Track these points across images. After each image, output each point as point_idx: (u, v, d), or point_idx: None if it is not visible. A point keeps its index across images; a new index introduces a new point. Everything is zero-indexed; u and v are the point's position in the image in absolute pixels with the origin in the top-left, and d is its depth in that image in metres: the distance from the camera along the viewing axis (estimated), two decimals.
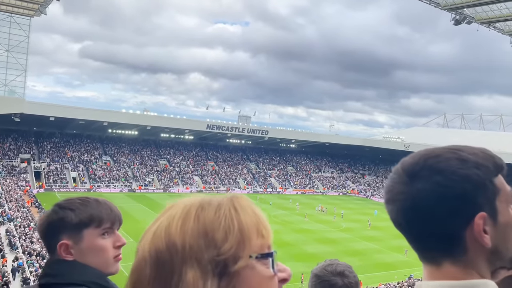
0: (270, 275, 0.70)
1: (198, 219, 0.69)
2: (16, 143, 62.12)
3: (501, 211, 0.80)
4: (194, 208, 0.71)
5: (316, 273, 1.82)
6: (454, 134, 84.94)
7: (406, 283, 29.31)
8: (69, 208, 1.45)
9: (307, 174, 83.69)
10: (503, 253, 0.81)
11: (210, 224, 0.68)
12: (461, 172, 0.80)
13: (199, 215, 0.69)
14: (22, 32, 59.65)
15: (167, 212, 0.72)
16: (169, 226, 0.69)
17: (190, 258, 0.66)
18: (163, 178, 67.77)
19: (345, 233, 46.57)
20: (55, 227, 1.42)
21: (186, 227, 0.68)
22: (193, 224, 0.68)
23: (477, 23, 53.04)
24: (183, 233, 0.67)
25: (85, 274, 1.38)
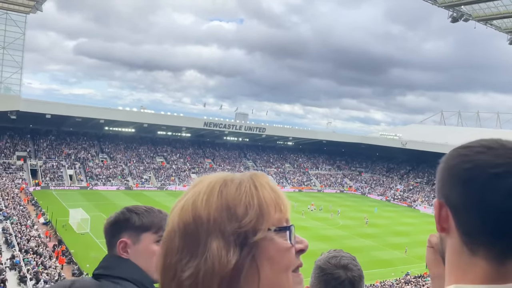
0: (288, 246, 0.75)
1: (221, 194, 0.75)
2: (12, 140, 61.86)
3: None
4: (218, 185, 0.77)
5: (320, 265, 1.80)
6: (451, 131, 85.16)
7: (403, 280, 29.44)
8: (135, 212, 1.63)
9: (305, 172, 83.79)
10: None
11: (232, 200, 0.75)
12: None
13: (222, 191, 0.76)
14: (18, 29, 59.26)
15: (194, 188, 0.80)
16: (195, 201, 0.76)
17: (214, 229, 0.72)
18: (160, 176, 67.69)
19: (342, 230, 46.69)
20: (119, 226, 1.61)
21: (211, 201, 0.74)
22: (216, 199, 0.75)
23: (474, 20, 53.11)
24: (208, 207, 0.74)
25: (135, 272, 1.50)
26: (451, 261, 0.82)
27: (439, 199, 0.83)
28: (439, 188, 0.84)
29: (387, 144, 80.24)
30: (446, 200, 0.81)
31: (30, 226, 34.52)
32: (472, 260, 0.77)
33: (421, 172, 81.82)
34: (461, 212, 0.78)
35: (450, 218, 0.80)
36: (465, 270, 0.78)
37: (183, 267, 0.72)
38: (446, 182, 0.81)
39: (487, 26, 55.04)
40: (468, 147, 0.81)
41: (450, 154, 0.84)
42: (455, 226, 0.79)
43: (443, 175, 0.83)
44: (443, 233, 0.83)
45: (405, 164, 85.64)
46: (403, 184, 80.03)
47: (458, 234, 0.79)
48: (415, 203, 70.79)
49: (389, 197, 75.64)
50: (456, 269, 0.80)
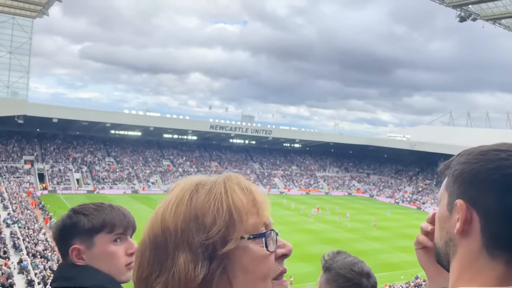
0: (264, 254, 0.70)
1: (190, 202, 0.71)
2: (19, 144, 62.14)
3: None
4: (188, 192, 0.73)
5: (343, 274, 1.73)
6: (460, 132, 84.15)
7: (412, 283, 28.83)
8: (83, 213, 1.45)
9: (312, 174, 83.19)
10: None
11: (201, 208, 0.70)
12: None
13: (192, 198, 0.72)
14: (25, 33, 59.65)
15: (167, 195, 0.76)
16: (164, 210, 0.72)
17: (182, 242, 0.68)
18: (166, 179, 67.56)
19: (351, 233, 46.08)
20: (68, 232, 1.44)
21: (179, 211, 0.70)
22: (185, 208, 0.70)
23: (483, 19, 52.40)
24: (176, 217, 0.70)
25: (96, 278, 1.38)
26: (463, 264, 0.79)
27: (464, 200, 0.79)
28: (464, 189, 0.80)
29: (395, 146, 79.43)
30: (473, 203, 0.78)
31: (37, 230, 34.45)
32: (490, 264, 0.76)
33: (430, 174, 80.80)
34: (493, 217, 0.76)
35: (475, 220, 0.78)
36: (480, 272, 0.77)
37: (153, 282, 0.69)
38: (478, 185, 0.77)
39: (495, 25, 54.28)
40: (505, 151, 0.78)
41: (480, 157, 0.80)
42: (479, 229, 0.77)
43: (474, 177, 0.78)
44: (460, 235, 0.80)
45: (413, 165, 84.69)
46: (412, 186, 79.09)
47: (481, 238, 0.77)
48: (424, 205, 69.86)
49: (398, 199, 74.77)
50: (469, 272, 0.78)
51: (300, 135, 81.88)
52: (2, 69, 60.19)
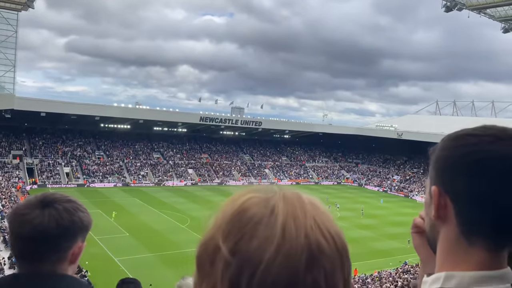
0: None
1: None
2: (7, 139, 61.52)
3: None
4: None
5: None
6: (446, 121, 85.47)
7: (401, 269, 29.67)
8: (80, 209, 1.36)
9: (302, 165, 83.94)
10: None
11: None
12: None
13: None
14: (10, 27, 58.67)
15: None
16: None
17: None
18: (157, 172, 67.62)
19: (340, 221, 46.89)
20: (73, 228, 1.34)
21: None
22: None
23: (468, 9, 53.09)
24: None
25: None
26: (445, 249, 0.81)
27: (437, 186, 0.80)
28: (438, 175, 0.80)
29: (383, 135, 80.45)
30: (447, 188, 0.78)
31: None
32: (469, 250, 0.77)
33: (417, 163, 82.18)
34: (465, 203, 0.76)
35: (449, 206, 0.78)
36: (460, 259, 0.78)
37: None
38: (449, 171, 0.78)
39: (480, 15, 55.06)
40: (476, 136, 0.77)
41: (452, 143, 0.80)
42: (454, 215, 0.78)
43: (446, 163, 0.79)
44: (438, 221, 0.81)
45: (401, 154, 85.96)
46: (400, 175, 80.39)
47: (457, 224, 0.78)
48: (411, 193, 71.19)
49: (386, 187, 76.00)
50: (451, 258, 0.79)
51: (290, 126, 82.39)
52: None
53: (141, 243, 33.85)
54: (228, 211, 0.64)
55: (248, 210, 0.63)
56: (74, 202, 1.33)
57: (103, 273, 26.01)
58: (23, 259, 1.26)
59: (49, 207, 1.26)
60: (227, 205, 0.65)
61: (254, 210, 0.62)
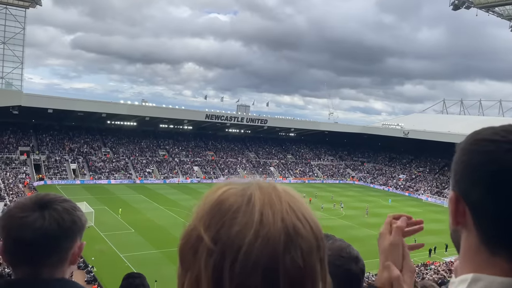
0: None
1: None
2: (15, 135, 62.01)
3: None
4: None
5: (332, 261, 1.57)
6: (453, 120, 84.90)
7: None
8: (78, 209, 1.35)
9: (307, 163, 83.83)
10: None
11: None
12: None
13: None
14: (18, 24, 59.11)
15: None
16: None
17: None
18: (163, 169, 67.86)
19: (345, 220, 46.84)
20: (75, 228, 1.32)
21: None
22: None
23: (476, 7, 52.65)
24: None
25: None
26: (466, 255, 0.77)
27: (455, 191, 0.76)
28: (456, 181, 0.76)
29: (389, 134, 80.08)
30: (465, 196, 0.74)
31: None
32: (491, 259, 0.73)
33: (423, 162, 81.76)
34: (483, 213, 0.72)
35: (468, 214, 0.75)
36: (482, 266, 0.74)
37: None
38: (466, 178, 0.74)
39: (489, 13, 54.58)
40: (494, 142, 0.72)
41: (471, 147, 0.74)
42: (473, 223, 0.74)
43: (463, 170, 0.75)
44: (457, 227, 0.78)
45: (407, 153, 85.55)
46: (406, 174, 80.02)
47: (477, 233, 0.74)
48: (417, 192, 70.85)
49: (392, 186, 75.71)
50: (472, 265, 0.76)
51: (295, 124, 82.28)
52: None
53: (147, 240, 34.03)
54: (208, 203, 0.67)
55: (226, 200, 0.66)
56: (70, 202, 1.29)
57: (109, 268, 26.19)
58: (21, 264, 1.20)
59: (48, 208, 1.21)
60: (207, 197, 0.69)
61: (232, 200, 0.66)
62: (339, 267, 1.58)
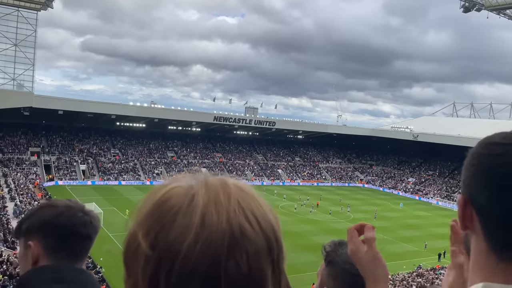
0: None
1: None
2: (26, 136, 62.73)
3: None
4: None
5: (348, 269, 1.58)
6: (463, 123, 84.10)
7: (415, 272, 29.32)
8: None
9: (315, 165, 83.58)
10: None
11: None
12: None
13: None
14: (29, 26, 59.89)
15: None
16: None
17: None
18: (171, 170, 68.12)
19: (353, 223, 46.53)
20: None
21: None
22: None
23: (487, 10, 52.20)
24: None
25: None
26: (476, 260, 0.76)
27: (463, 195, 0.75)
28: (466, 185, 0.75)
29: (398, 137, 79.58)
30: (472, 199, 0.73)
31: None
32: (499, 264, 0.71)
33: (433, 165, 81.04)
34: (490, 217, 0.71)
35: (475, 218, 0.73)
36: (491, 272, 0.72)
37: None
38: (473, 182, 0.72)
39: (500, 15, 54.08)
40: (503, 145, 0.70)
41: (481, 151, 0.73)
42: (481, 228, 0.73)
43: (472, 174, 0.73)
44: (465, 231, 0.76)
45: (416, 156, 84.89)
46: (415, 177, 79.38)
47: (485, 238, 0.72)
48: (427, 196, 70.23)
49: (401, 190, 75.15)
50: (482, 270, 0.74)
51: (303, 126, 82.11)
52: (8, 61, 60.58)
53: None
54: (148, 204, 0.61)
55: (168, 201, 0.60)
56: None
57: (117, 269, 26.30)
58: (66, 258, 1.36)
59: (88, 213, 1.43)
60: (148, 198, 0.62)
61: (174, 200, 0.59)
62: (355, 276, 1.52)
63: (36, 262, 1.35)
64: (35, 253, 1.34)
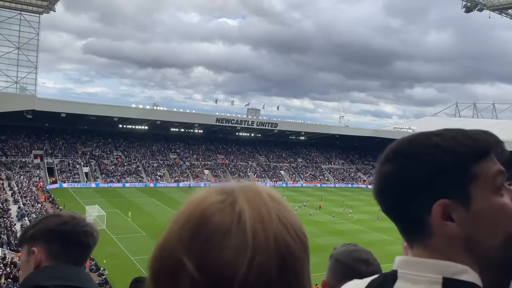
0: None
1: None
2: (29, 139, 62.94)
3: (477, 197, 0.75)
4: None
5: (340, 258, 1.74)
6: (466, 123, 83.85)
7: None
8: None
9: (317, 166, 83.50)
10: (481, 242, 0.75)
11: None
12: (424, 157, 0.77)
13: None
14: (32, 29, 60.16)
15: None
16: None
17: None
18: (174, 172, 68.20)
19: (356, 224, 46.48)
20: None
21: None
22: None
23: (489, 10, 52.08)
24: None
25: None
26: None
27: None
28: None
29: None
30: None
31: None
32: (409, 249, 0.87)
33: None
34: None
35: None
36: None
37: None
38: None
39: (502, 15, 53.95)
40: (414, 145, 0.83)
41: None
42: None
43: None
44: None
45: None
46: None
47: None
48: None
49: None
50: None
51: (306, 127, 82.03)
52: (11, 65, 60.86)
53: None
54: (187, 218, 0.57)
55: (212, 218, 0.55)
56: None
57: (120, 271, 26.34)
58: (73, 264, 1.44)
59: (90, 225, 1.52)
60: (186, 212, 0.58)
61: (219, 217, 0.55)
62: (346, 265, 1.70)
63: (38, 266, 1.40)
64: (38, 258, 1.40)
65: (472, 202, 0.75)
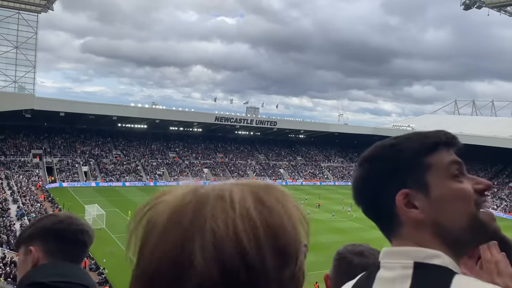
0: None
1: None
2: (27, 139, 62.84)
3: (434, 184, 0.84)
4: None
5: (338, 251, 1.81)
6: (465, 120, 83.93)
7: None
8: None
9: (317, 165, 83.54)
10: (447, 226, 0.82)
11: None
12: (383, 156, 0.89)
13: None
14: (30, 28, 60.01)
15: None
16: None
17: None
18: (173, 171, 68.18)
19: (356, 222, 46.52)
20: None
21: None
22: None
23: (488, 7, 52.04)
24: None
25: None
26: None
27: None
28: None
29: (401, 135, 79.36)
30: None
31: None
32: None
33: None
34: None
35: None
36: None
37: None
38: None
39: (501, 13, 53.92)
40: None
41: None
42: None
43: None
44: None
45: None
46: None
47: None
48: None
49: None
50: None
51: (305, 125, 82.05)
52: (9, 64, 60.72)
53: None
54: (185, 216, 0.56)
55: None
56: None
57: (120, 270, 26.34)
58: (70, 261, 1.47)
59: (86, 224, 1.55)
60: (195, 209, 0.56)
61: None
62: (339, 254, 1.75)
63: (35, 265, 1.42)
64: (35, 256, 1.42)
65: (430, 189, 0.84)
